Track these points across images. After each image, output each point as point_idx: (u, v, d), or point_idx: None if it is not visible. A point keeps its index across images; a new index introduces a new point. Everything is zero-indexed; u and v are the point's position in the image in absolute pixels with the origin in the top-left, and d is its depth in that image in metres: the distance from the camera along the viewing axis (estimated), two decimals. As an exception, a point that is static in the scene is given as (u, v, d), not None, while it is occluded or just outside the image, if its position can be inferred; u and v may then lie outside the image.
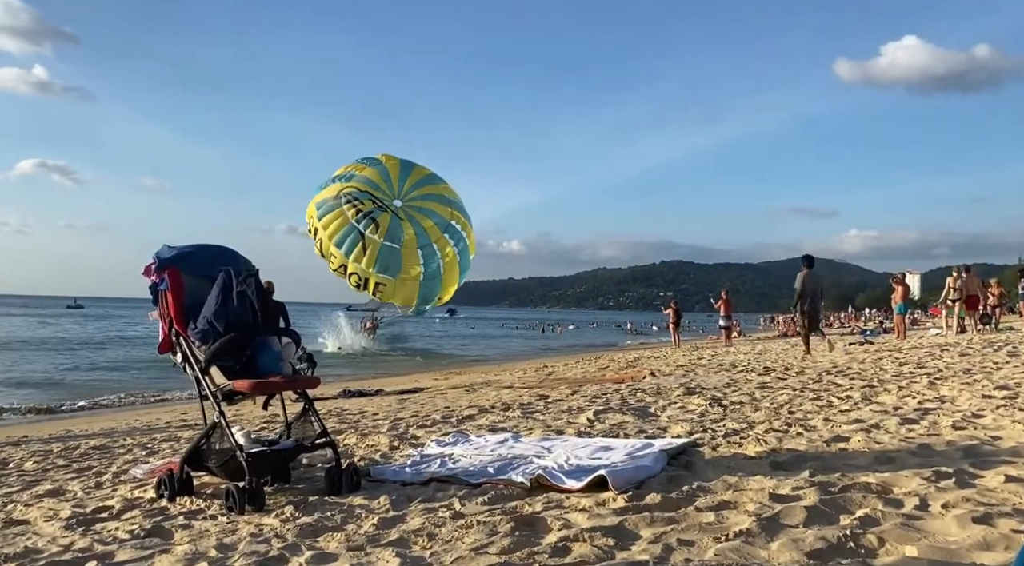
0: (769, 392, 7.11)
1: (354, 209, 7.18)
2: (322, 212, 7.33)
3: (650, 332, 64.65)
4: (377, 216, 7.10)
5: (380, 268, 7.02)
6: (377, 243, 7.00)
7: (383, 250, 6.98)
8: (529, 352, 33.04)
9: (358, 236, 7.13)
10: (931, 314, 41.28)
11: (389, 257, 6.96)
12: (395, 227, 7.23)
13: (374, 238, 6.98)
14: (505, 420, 6.17)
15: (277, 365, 3.88)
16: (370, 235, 7.06)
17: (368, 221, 7.12)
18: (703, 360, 13.50)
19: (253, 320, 3.82)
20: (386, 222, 7.18)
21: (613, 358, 18.44)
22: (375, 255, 6.97)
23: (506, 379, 13.07)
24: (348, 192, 7.29)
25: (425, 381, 14.83)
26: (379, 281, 7.04)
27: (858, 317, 56.28)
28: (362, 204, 7.18)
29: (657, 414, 6.05)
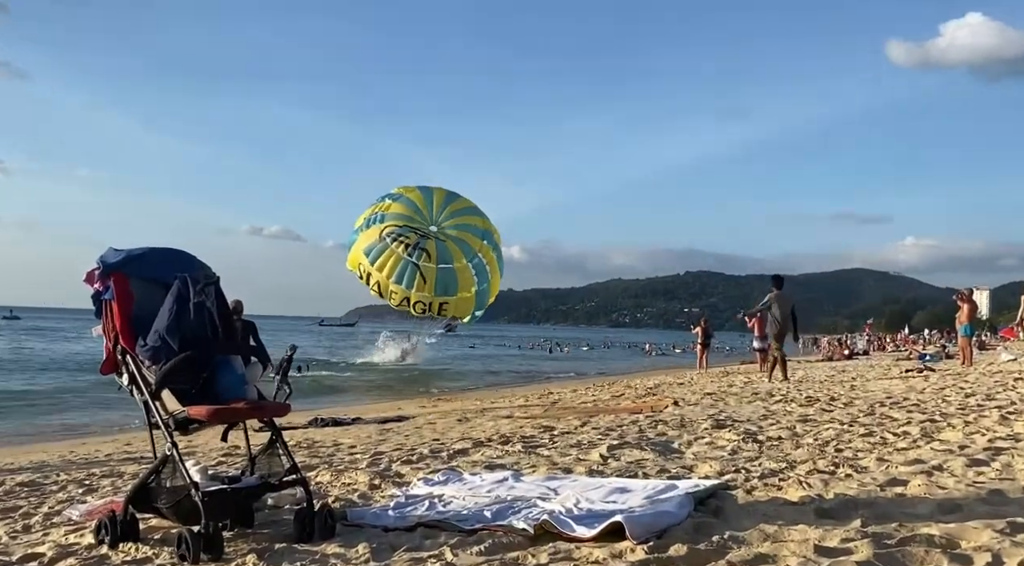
0: (812, 426, 7.09)
1: (402, 245, 9.24)
2: (372, 257, 9.37)
3: (672, 354, 64.52)
4: (424, 245, 9.08)
5: (441, 290, 9.09)
6: (433, 269, 9.13)
7: (440, 274, 9.11)
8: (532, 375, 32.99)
9: (414, 268, 9.18)
10: (1001, 336, 41.24)
11: (446, 278, 9.12)
12: (443, 250, 9.22)
13: (429, 266, 9.07)
14: (504, 455, 6.14)
15: (240, 389, 3.87)
16: (424, 264, 9.08)
17: (419, 252, 9.10)
18: (735, 388, 13.47)
19: (212, 336, 3.82)
20: (434, 248, 9.18)
21: (629, 384, 18.39)
22: (434, 280, 9.04)
23: (505, 407, 13.03)
24: (390, 231, 9.30)
25: (410, 408, 14.79)
26: (443, 301, 9.24)
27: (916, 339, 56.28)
28: (407, 238, 9.25)
29: (681, 450, 6.03)
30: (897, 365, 20.17)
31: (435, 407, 15.15)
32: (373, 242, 10.95)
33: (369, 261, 10.78)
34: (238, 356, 4.04)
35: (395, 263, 10.67)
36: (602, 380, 23.58)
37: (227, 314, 3.93)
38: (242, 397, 3.85)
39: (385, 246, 10.75)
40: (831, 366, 23.09)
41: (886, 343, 50.96)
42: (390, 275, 10.65)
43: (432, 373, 34.31)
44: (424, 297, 10.63)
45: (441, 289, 10.55)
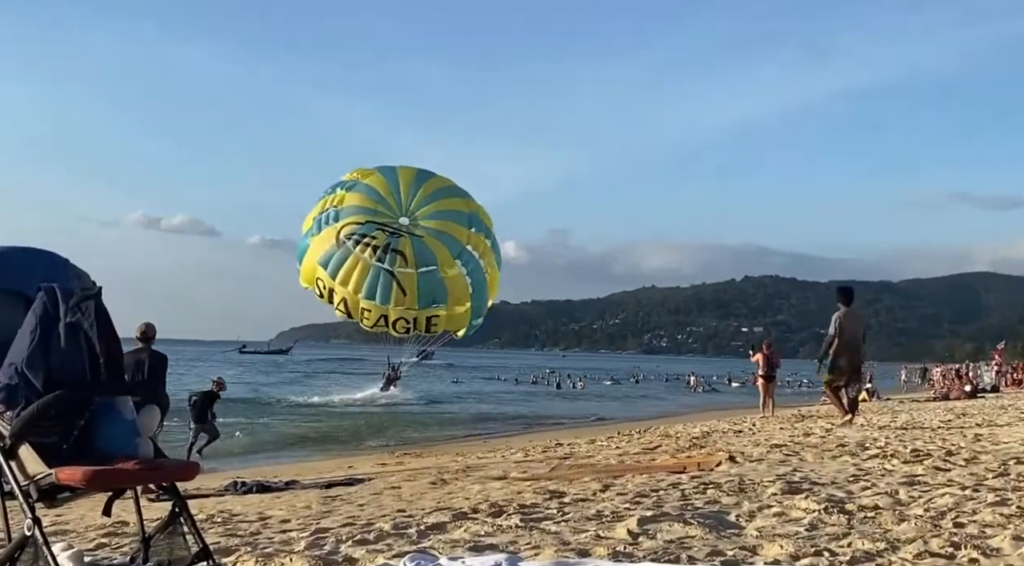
0: (922, 491, 7.09)
1: (369, 249, 9.22)
2: (332, 268, 9.31)
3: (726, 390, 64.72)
4: (397, 245, 9.02)
5: (427, 301, 9.05)
6: (412, 275, 9.07)
7: (422, 280, 9.01)
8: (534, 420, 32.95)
9: (388, 277, 9.17)
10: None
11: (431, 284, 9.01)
12: (421, 249, 9.09)
13: (407, 271, 9.01)
14: (496, 532, 6.13)
15: (129, 442, 3.86)
16: (401, 270, 9.05)
17: (392, 255, 9.05)
18: (812, 437, 13.46)
19: (91, 370, 3.80)
20: (409, 247, 9.06)
21: (668, 432, 18.39)
22: (415, 289, 8.93)
23: (496, 464, 13.00)
24: (349, 232, 9.23)
25: (365, 467, 14.77)
26: (431, 314, 9.11)
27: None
28: (374, 238, 9.19)
29: (741, 524, 6.01)
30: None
31: (400, 465, 15.13)
32: (330, 249, 11.28)
33: (329, 274, 11.16)
34: (127, 398, 4.03)
35: (363, 273, 10.98)
36: (630, 426, 23.58)
37: (111, 339, 3.92)
38: (132, 454, 3.84)
39: (347, 252, 11.06)
40: (947, 407, 23.13)
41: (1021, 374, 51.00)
42: (359, 289, 10.97)
43: (396, 417, 34.29)
44: (406, 312, 11.00)
45: (427, 299, 11.01)
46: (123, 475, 3.77)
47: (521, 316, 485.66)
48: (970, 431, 13.26)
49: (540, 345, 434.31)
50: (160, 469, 3.90)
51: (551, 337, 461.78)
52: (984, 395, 31.13)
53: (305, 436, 27.19)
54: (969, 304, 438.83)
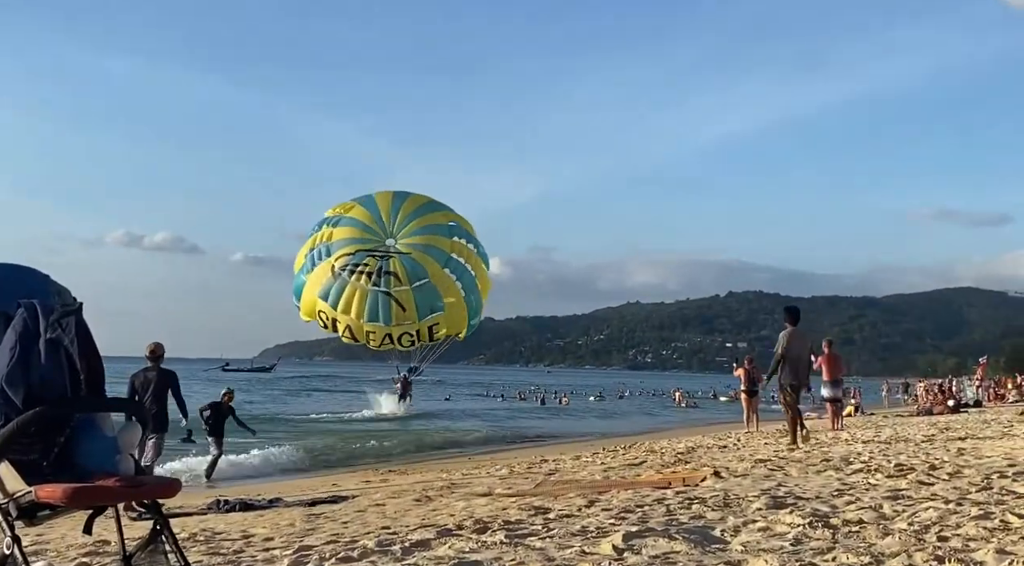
0: (906, 505, 7.10)
1: (363, 276, 10.16)
2: (333, 299, 10.31)
3: (711, 405, 64.82)
4: (389, 267, 9.95)
5: (425, 312, 10.07)
6: (408, 292, 10.05)
7: (417, 294, 10.02)
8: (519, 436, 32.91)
9: (386, 298, 10.15)
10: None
11: (426, 296, 9.98)
12: (411, 266, 10.11)
13: (403, 289, 9.97)
14: (480, 548, 6.11)
15: (110, 459, 3.84)
16: (397, 289, 10.03)
17: (386, 278, 9.98)
18: (797, 451, 13.50)
19: (72, 386, 3.78)
20: (400, 267, 10.14)
21: (653, 447, 18.39)
22: (413, 304, 9.96)
23: (482, 481, 12.98)
24: (343, 264, 10.07)
25: (350, 484, 14.71)
26: (431, 323, 10.15)
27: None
28: (366, 265, 10.15)
29: (726, 539, 6.01)
30: (1022, 420, 20.31)
31: (384, 482, 15.08)
32: (327, 282, 11.76)
33: (330, 305, 11.59)
34: (108, 414, 4.00)
35: (362, 299, 11.47)
36: (615, 442, 23.55)
37: (92, 355, 3.90)
38: (113, 471, 3.81)
39: (344, 282, 11.57)
40: (930, 422, 23.22)
41: (1006, 390, 51.27)
42: (361, 314, 11.41)
43: (381, 434, 34.21)
44: (408, 326, 11.57)
45: (425, 310, 11.46)
46: (104, 493, 3.74)
47: (506, 332, 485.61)
48: (953, 445, 13.32)
49: (525, 361, 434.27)
50: (141, 486, 3.88)
51: (536, 353, 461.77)
52: (967, 410, 31.25)
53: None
54: (952, 319, 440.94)
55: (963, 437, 15.38)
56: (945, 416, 26.94)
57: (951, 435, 16.24)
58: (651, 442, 21.79)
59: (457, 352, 32.73)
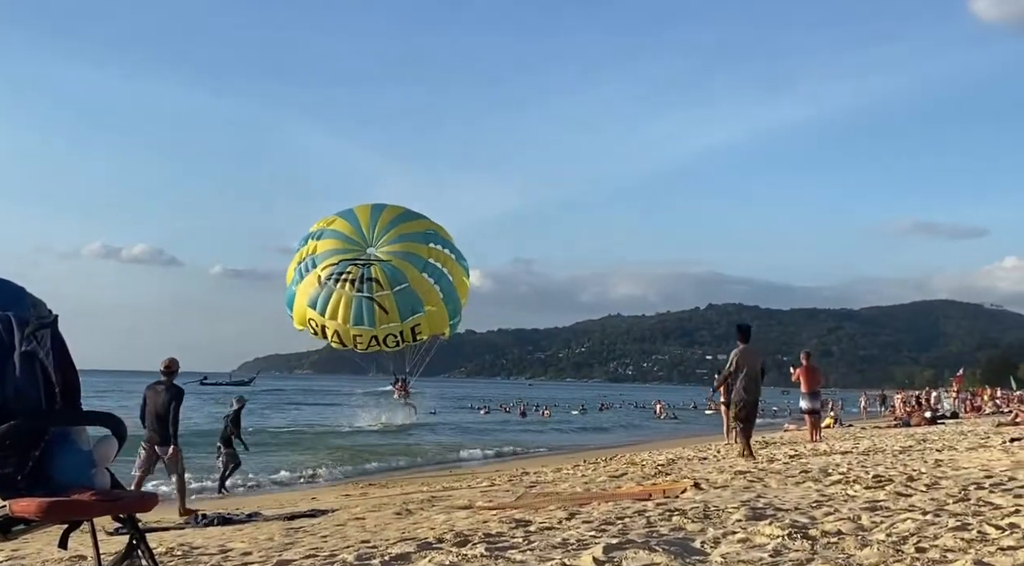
0: (884, 516, 7.12)
1: (347, 283, 11.53)
2: (320, 306, 11.65)
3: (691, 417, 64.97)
4: (371, 274, 11.36)
5: (407, 313, 11.43)
6: (390, 296, 11.34)
7: (398, 297, 11.29)
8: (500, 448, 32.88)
9: (370, 303, 11.42)
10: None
11: (407, 299, 11.27)
12: (392, 272, 11.40)
13: (384, 293, 11.33)
14: (461, 562, 6.09)
15: (85, 473, 3.80)
16: (379, 294, 11.31)
17: (368, 283, 11.30)
18: (776, 463, 13.53)
19: (47, 399, 3.75)
20: (381, 273, 11.46)
21: (634, 459, 18.39)
22: (395, 306, 11.23)
23: (462, 494, 12.95)
24: (328, 274, 11.42)
25: (329, 498, 14.65)
26: (413, 325, 11.50)
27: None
28: (349, 273, 11.46)
29: (706, 551, 6.01)
30: (998, 432, 20.43)
31: (364, 496, 15.02)
32: (315, 291, 13.26)
33: (318, 312, 13.05)
34: (84, 428, 3.97)
35: (348, 305, 12.93)
36: (596, 454, 23.56)
37: (68, 368, 3.87)
38: (89, 485, 3.78)
39: (330, 291, 13.02)
40: (907, 433, 23.33)
41: (982, 402, 51.62)
42: (347, 319, 12.82)
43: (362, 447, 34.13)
44: (392, 328, 13.04)
45: (407, 312, 12.86)
46: (79, 507, 3.71)
47: (487, 345, 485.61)
48: (931, 457, 13.37)
49: (507, 374, 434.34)
50: (117, 501, 3.85)
51: (517, 366, 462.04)
52: (944, 421, 31.42)
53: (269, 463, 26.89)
54: (929, 332, 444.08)
55: (940, 448, 15.45)
56: (922, 427, 27.08)
57: (928, 446, 16.31)
58: (632, 454, 21.80)
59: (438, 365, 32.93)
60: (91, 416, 3.93)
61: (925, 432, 23.49)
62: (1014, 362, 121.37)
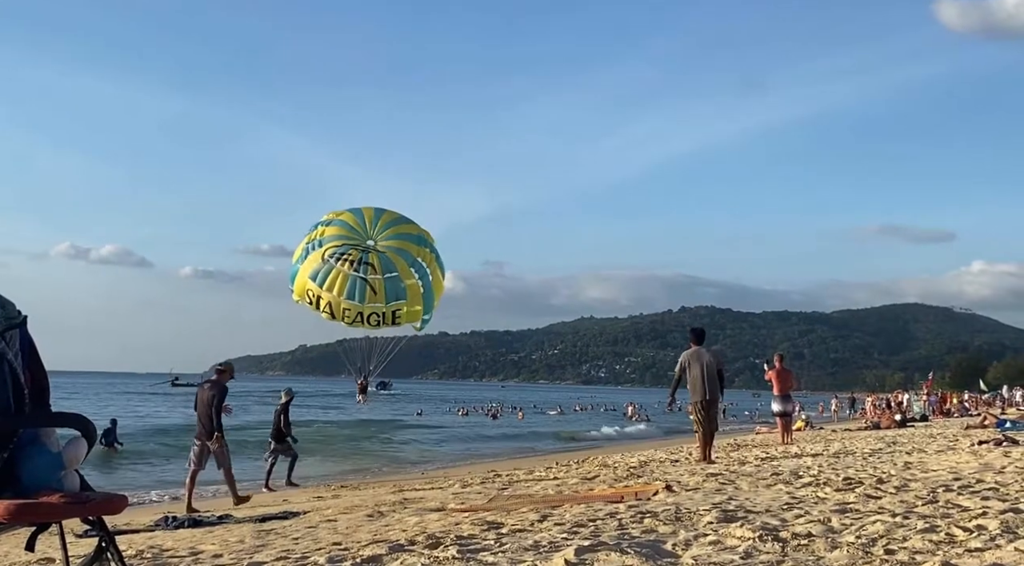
0: (854, 518, 7.16)
1: (347, 263, 14.18)
2: (319, 279, 14.31)
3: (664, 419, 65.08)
4: (368, 259, 14.02)
5: (392, 297, 14.06)
6: (380, 280, 13.99)
7: (387, 283, 13.95)
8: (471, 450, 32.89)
9: (363, 282, 13.94)
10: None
11: (395, 287, 13.86)
12: (385, 261, 14.20)
13: (376, 277, 13.96)
14: (432, 564, 6.08)
15: (53, 475, 3.77)
16: (372, 276, 13.91)
17: (365, 266, 13.94)
18: (748, 465, 13.59)
19: (16, 401, 3.71)
20: (377, 260, 14.15)
21: (606, 462, 18.43)
22: (383, 289, 13.93)
23: (435, 496, 12.93)
24: (331, 253, 14.14)
25: (301, 499, 14.59)
26: (396, 309, 14.08)
27: (992, 399, 57.64)
28: (350, 255, 14.12)
29: (676, 553, 6.03)
30: (967, 435, 20.59)
31: (335, 498, 14.97)
32: (317, 266, 15.97)
33: (317, 284, 15.72)
34: (53, 430, 3.94)
35: (343, 281, 15.54)
36: (568, 456, 23.59)
37: (37, 369, 3.84)
38: (57, 488, 3.75)
39: (330, 267, 15.69)
40: (878, 436, 23.50)
41: (951, 405, 52.06)
42: (341, 293, 15.51)
43: (335, 449, 34.07)
44: (377, 307, 15.66)
45: (392, 297, 15.57)
46: (47, 509, 3.67)
47: (460, 347, 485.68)
48: (900, 459, 13.48)
49: (480, 376, 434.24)
50: (86, 503, 3.81)
51: (490, 368, 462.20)
52: (913, 424, 31.65)
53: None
54: (899, 335, 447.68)
55: (910, 451, 15.57)
56: (892, 430, 27.26)
57: (898, 449, 16.44)
58: (604, 456, 21.85)
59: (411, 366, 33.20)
60: (61, 417, 3.89)
61: (895, 435, 23.66)
62: (983, 366, 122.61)
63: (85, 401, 69.70)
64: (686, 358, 15.56)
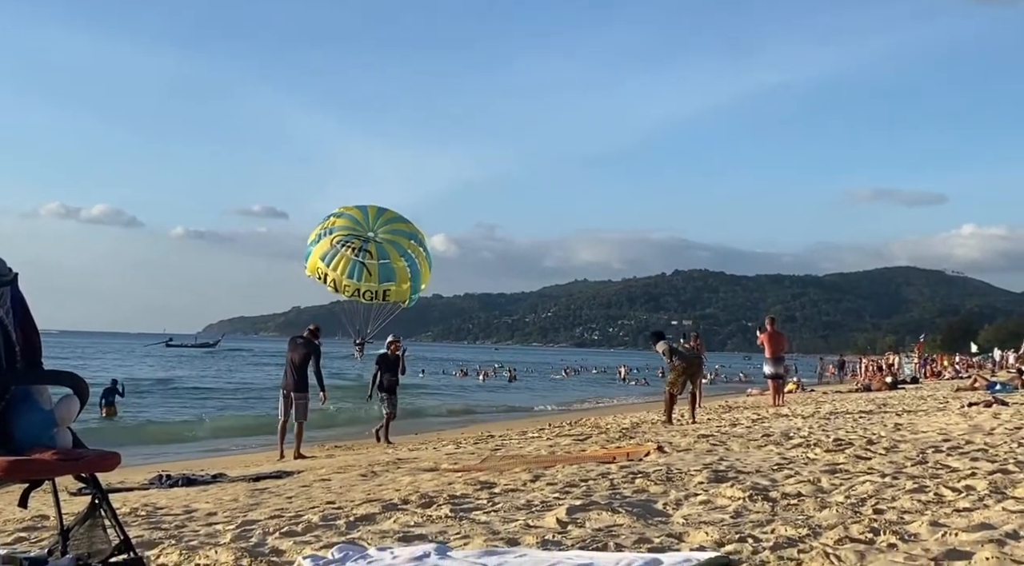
0: (843, 479, 7.23)
1: (350, 249, 19.35)
2: (327, 261, 19.40)
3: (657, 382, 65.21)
4: (367, 247, 19.48)
5: (383, 279, 19.32)
6: (376, 265, 19.38)
7: (381, 267, 19.37)
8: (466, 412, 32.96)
9: (361, 266, 19.19)
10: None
11: (387, 271, 19.38)
12: (381, 250, 19.63)
13: (372, 262, 19.36)
14: (425, 522, 6.11)
15: (46, 432, 3.77)
16: (368, 261, 19.29)
17: (364, 253, 19.30)
18: (739, 427, 13.65)
19: (7, 359, 3.70)
20: (374, 248, 19.57)
21: (598, 423, 18.50)
22: (377, 273, 19.26)
23: (428, 456, 12.98)
24: (338, 240, 19.40)
25: (294, 459, 14.64)
26: (386, 288, 19.44)
27: (983, 362, 57.92)
28: (353, 243, 19.43)
29: (668, 512, 6.08)
30: (957, 397, 20.73)
31: (329, 457, 15.03)
32: (327, 250, 20.22)
33: (325, 264, 20.03)
34: (45, 387, 3.93)
35: (346, 263, 19.93)
36: (561, 418, 23.68)
37: (28, 326, 3.82)
38: (50, 445, 3.74)
39: (336, 251, 20.06)
40: (868, 398, 23.61)
41: (942, 367, 52.29)
42: (343, 273, 19.87)
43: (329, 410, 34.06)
44: (371, 286, 20.02)
45: (384, 279, 20.02)
46: (40, 466, 3.67)
47: (454, 309, 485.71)
48: (890, 421, 13.56)
49: (473, 338, 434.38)
50: (79, 460, 3.81)
51: (484, 330, 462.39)
52: (904, 386, 31.80)
53: (232, 427, 26.76)
54: (891, 298, 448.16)
55: (900, 413, 15.67)
56: (883, 392, 27.38)
57: (888, 411, 16.54)
58: (596, 418, 21.93)
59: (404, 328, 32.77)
60: (53, 375, 3.88)
61: (886, 397, 23.78)
62: (974, 328, 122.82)
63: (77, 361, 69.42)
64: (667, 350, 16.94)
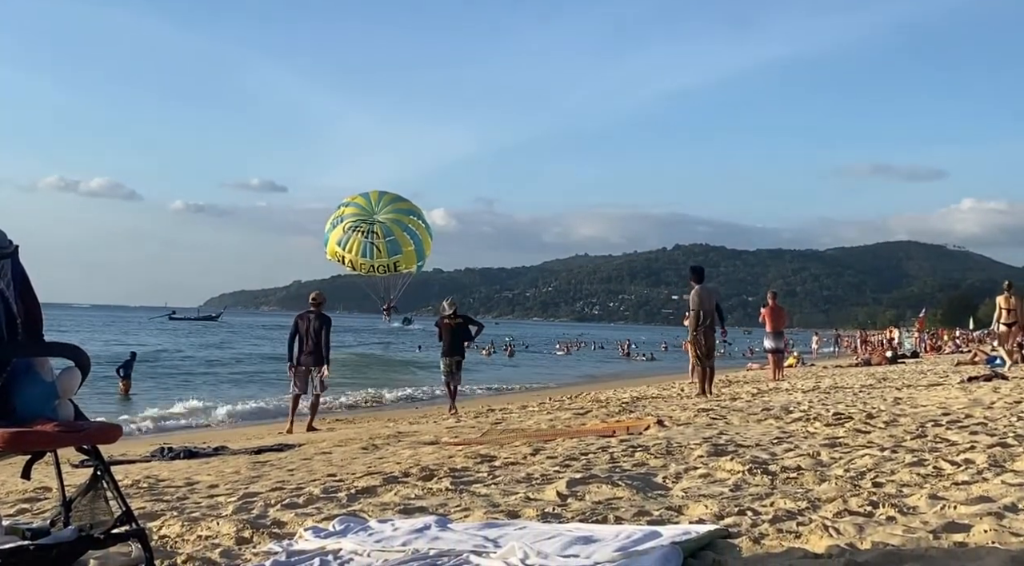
0: (843, 452, 7.25)
1: (360, 233, 25.38)
2: (343, 244, 25.36)
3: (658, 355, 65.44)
4: (374, 228, 25.45)
5: (392, 253, 25.43)
6: (383, 242, 25.40)
7: (388, 243, 25.45)
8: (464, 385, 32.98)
9: (371, 246, 25.30)
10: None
11: (393, 247, 25.52)
12: (386, 228, 25.62)
13: (380, 241, 25.36)
14: (426, 495, 6.14)
15: (47, 405, 3.77)
16: (377, 241, 25.32)
17: (372, 234, 25.31)
18: (739, 401, 13.68)
19: (8, 331, 3.70)
20: (380, 229, 25.53)
21: (599, 397, 18.53)
22: (385, 249, 25.36)
23: (428, 430, 13.01)
24: (349, 226, 25.44)
25: (297, 432, 14.67)
26: (396, 261, 25.55)
27: (983, 337, 57.86)
28: (362, 227, 25.43)
29: (667, 486, 6.10)
30: (957, 371, 20.76)
31: (330, 431, 15.06)
32: (341, 236, 25.02)
33: (342, 248, 24.81)
34: (47, 359, 3.93)
35: (358, 245, 24.77)
36: (561, 392, 23.71)
37: (29, 298, 3.81)
38: (52, 417, 3.75)
39: (349, 236, 24.91)
40: (868, 372, 23.66)
41: (942, 342, 52.32)
42: (358, 254, 24.76)
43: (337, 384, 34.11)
44: (382, 262, 24.97)
45: (392, 253, 24.78)
46: (42, 437, 3.67)
47: (454, 284, 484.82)
48: (890, 395, 13.58)
49: (473, 313, 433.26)
50: (81, 432, 3.81)
51: (484, 305, 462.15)
52: (904, 361, 31.84)
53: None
54: (892, 272, 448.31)
55: (900, 387, 15.69)
56: (883, 367, 27.44)
57: (888, 385, 16.56)
58: (597, 392, 21.97)
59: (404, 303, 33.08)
60: (54, 347, 3.88)
61: (885, 371, 23.83)
62: (975, 303, 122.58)
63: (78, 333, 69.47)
64: (699, 297, 16.37)
